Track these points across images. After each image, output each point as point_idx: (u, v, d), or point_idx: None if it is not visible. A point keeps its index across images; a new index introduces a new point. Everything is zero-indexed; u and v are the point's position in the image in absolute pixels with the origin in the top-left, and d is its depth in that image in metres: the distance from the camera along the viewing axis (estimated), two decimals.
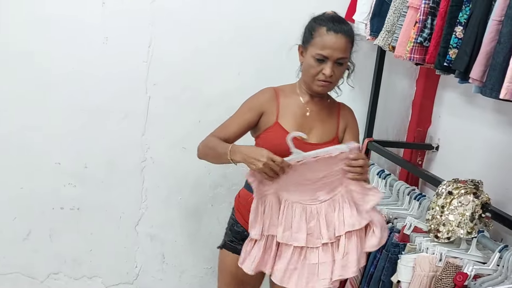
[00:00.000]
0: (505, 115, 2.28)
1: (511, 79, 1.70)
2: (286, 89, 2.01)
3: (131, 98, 2.57)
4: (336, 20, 1.87)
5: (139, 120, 2.60)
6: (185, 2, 2.56)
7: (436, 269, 1.90)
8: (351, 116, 2.06)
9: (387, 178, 2.52)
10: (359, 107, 2.81)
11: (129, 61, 2.53)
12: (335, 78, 1.89)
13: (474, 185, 2.03)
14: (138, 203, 2.68)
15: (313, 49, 1.85)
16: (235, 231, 2.04)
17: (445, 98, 2.75)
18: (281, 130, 1.92)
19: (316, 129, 1.96)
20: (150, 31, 2.52)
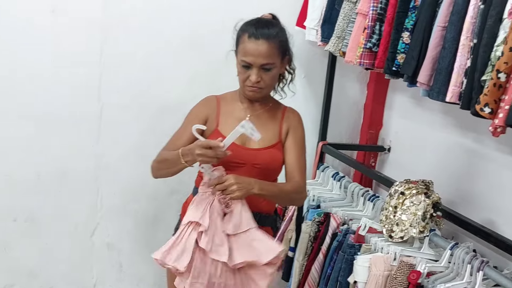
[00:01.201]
0: (453, 116, 2.35)
1: (456, 82, 1.75)
2: (227, 96, 1.99)
3: (84, 106, 2.50)
4: (260, 25, 1.83)
5: (93, 128, 2.53)
6: (136, 8, 2.51)
7: (390, 268, 1.93)
8: (295, 120, 1.99)
9: (341, 180, 2.55)
10: (312, 111, 2.85)
11: (81, 67, 2.45)
12: (264, 83, 1.85)
13: (425, 185, 2.07)
14: (93, 212, 2.61)
15: (239, 55, 1.85)
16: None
17: (395, 101, 2.81)
18: (221, 137, 1.84)
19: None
20: (102, 38, 2.46)
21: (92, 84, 2.50)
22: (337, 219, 2.27)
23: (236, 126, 1.74)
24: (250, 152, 1.88)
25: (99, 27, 2.45)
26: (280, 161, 1.94)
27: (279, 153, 1.92)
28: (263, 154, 1.88)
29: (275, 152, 1.92)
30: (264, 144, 1.91)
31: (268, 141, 1.92)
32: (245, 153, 1.87)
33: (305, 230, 2.39)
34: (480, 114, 1.62)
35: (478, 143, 2.21)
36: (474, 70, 1.66)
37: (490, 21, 1.61)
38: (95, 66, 2.48)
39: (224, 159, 1.78)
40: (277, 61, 1.86)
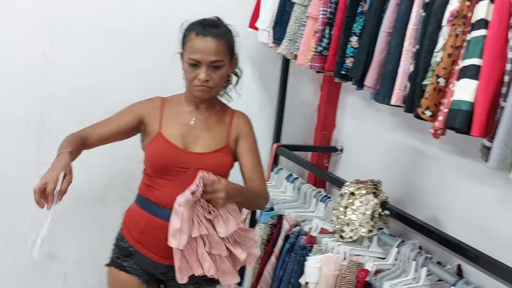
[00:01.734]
0: (401, 117, 2.44)
1: (400, 86, 1.84)
2: (173, 99, 1.97)
3: (26, 111, 2.44)
4: (207, 24, 1.83)
5: (35, 134, 2.47)
6: (83, 10, 2.47)
7: (341, 268, 2.01)
8: (245, 125, 1.98)
9: (295, 182, 2.61)
10: (266, 113, 2.90)
11: (24, 72, 2.40)
12: (213, 82, 1.82)
13: (373, 185, 2.15)
14: (35, 222, 2.54)
15: (187, 54, 1.82)
16: (121, 246, 1.95)
17: (347, 102, 2.90)
18: (163, 140, 1.86)
19: (202, 138, 1.89)
20: (46, 41, 2.41)
21: (35, 88, 2.44)
22: (290, 221, 2.33)
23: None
24: (194, 156, 1.86)
25: (42, 29, 2.41)
26: (227, 166, 1.92)
27: (226, 157, 1.91)
28: (208, 159, 1.86)
29: (221, 156, 1.90)
30: (210, 148, 1.89)
31: (214, 145, 1.90)
32: (188, 157, 1.84)
33: (258, 233, 2.44)
34: (422, 117, 1.71)
35: (424, 143, 2.32)
36: (416, 75, 1.76)
37: (430, 28, 1.71)
38: (37, 69, 2.43)
39: (167, 163, 1.80)
40: (226, 60, 1.85)
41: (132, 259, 1.91)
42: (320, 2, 2.23)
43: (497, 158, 1.45)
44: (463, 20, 1.60)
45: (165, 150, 1.86)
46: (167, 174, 1.86)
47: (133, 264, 1.91)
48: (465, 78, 1.55)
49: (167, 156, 1.84)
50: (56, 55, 2.46)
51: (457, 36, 1.63)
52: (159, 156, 1.85)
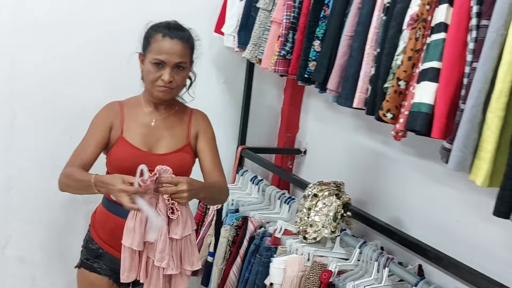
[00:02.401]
0: (363, 120, 2.43)
1: (361, 89, 1.81)
2: (131, 102, 1.93)
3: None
4: (172, 27, 1.82)
5: (2, 136, 2.37)
6: (48, 9, 2.38)
7: (304, 269, 1.96)
8: (203, 121, 1.98)
9: (259, 184, 2.56)
10: (232, 116, 2.85)
11: None
12: (176, 83, 1.82)
13: (336, 187, 2.12)
14: (4, 224, 2.44)
15: (151, 55, 1.79)
16: (90, 248, 1.92)
17: (310, 105, 2.87)
18: (125, 144, 1.84)
19: (164, 139, 1.88)
20: (12, 41, 2.31)
21: (2, 89, 2.35)
22: (255, 223, 2.28)
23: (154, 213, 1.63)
24: (157, 157, 1.83)
25: (8, 30, 2.31)
26: (190, 163, 1.91)
27: (187, 156, 1.89)
28: (170, 159, 1.84)
29: (183, 156, 1.88)
30: (172, 148, 1.87)
31: (176, 145, 1.88)
32: (151, 158, 1.81)
33: (224, 235, 2.38)
34: (383, 119, 1.68)
35: (385, 145, 2.30)
36: (377, 78, 1.72)
37: (391, 32, 1.68)
38: (5, 71, 2.33)
39: (131, 166, 1.71)
40: (188, 63, 1.85)
41: (101, 260, 1.89)
42: (283, 6, 2.18)
43: (457, 160, 1.43)
44: (423, 24, 1.58)
45: (129, 154, 1.83)
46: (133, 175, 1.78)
47: (103, 265, 1.90)
48: (425, 80, 1.52)
49: (131, 160, 1.80)
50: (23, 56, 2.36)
51: (417, 39, 1.60)
52: (123, 160, 1.83)
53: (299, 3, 2.14)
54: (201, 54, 2.66)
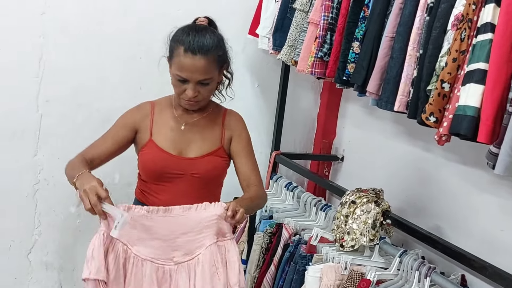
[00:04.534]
0: (403, 125, 2.44)
1: (403, 92, 1.83)
2: (162, 102, 1.94)
3: (21, 116, 2.43)
4: (197, 36, 1.74)
5: (31, 140, 2.46)
6: (78, 13, 2.47)
7: (342, 278, 1.98)
8: (238, 123, 1.96)
9: (294, 190, 2.59)
10: (266, 120, 2.90)
11: (18, 76, 2.39)
12: (202, 96, 1.81)
13: (375, 194, 2.14)
14: (30, 229, 2.53)
15: (174, 68, 1.77)
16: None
17: (348, 110, 2.89)
18: (155, 148, 1.84)
19: (194, 143, 1.87)
20: (41, 44, 2.41)
21: (31, 93, 2.44)
22: (289, 230, 2.31)
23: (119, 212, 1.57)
24: (188, 161, 1.84)
25: (39, 33, 2.41)
26: (222, 168, 1.91)
27: (220, 160, 1.89)
28: (201, 163, 1.85)
29: (215, 159, 1.88)
30: (203, 152, 1.87)
31: (208, 148, 1.88)
32: (182, 162, 1.83)
33: (257, 242, 2.42)
34: (426, 123, 1.70)
35: (427, 151, 2.31)
36: (420, 80, 1.75)
37: (434, 33, 1.71)
38: (34, 74, 2.42)
39: (161, 171, 1.79)
40: (215, 74, 1.81)
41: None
42: (321, 7, 2.23)
43: (504, 164, 1.44)
44: (468, 24, 1.60)
45: (159, 158, 1.84)
46: (162, 181, 1.85)
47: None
48: (471, 83, 1.54)
49: (160, 164, 1.84)
50: (53, 59, 2.45)
51: (462, 40, 1.62)
52: (152, 163, 1.85)
53: (337, 4, 2.18)
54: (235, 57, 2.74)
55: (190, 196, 1.82)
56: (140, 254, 1.65)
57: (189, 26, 1.81)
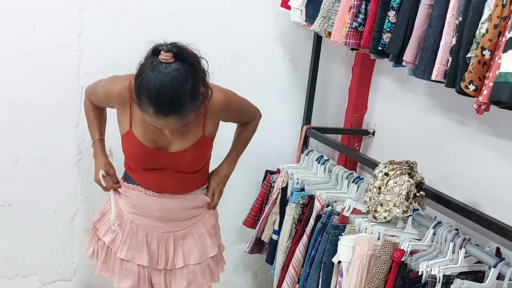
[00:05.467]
0: (436, 98, 2.38)
1: (441, 60, 1.77)
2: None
3: (63, 89, 2.46)
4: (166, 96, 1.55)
5: (73, 111, 2.49)
6: None
7: (375, 248, 1.96)
8: (221, 110, 1.83)
9: (326, 164, 2.56)
10: (297, 94, 2.86)
11: (60, 49, 2.41)
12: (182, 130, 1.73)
13: (408, 166, 2.10)
14: (73, 197, 2.58)
15: (146, 116, 1.64)
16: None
17: (380, 84, 2.83)
18: (135, 140, 1.78)
19: (176, 140, 1.79)
20: (81, 18, 2.41)
21: (72, 66, 2.45)
22: (321, 201, 2.29)
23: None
24: (169, 156, 1.81)
25: (79, 7, 2.40)
26: (205, 155, 1.92)
27: (203, 149, 1.87)
28: (185, 156, 1.81)
29: (199, 151, 1.84)
30: (186, 146, 1.80)
31: (189, 142, 1.81)
32: (164, 157, 1.81)
33: (289, 213, 2.41)
34: (465, 92, 1.64)
35: (461, 124, 2.25)
36: (459, 48, 1.68)
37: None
38: (74, 46, 2.44)
39: (143, 162, 1.85)
40: (193, 116, 1.70)
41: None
42: None
43: None
44: None
45: (139, 151, 1.81)
46: (146, 169, 1.87)
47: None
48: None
49: (141, 157, 1.83)
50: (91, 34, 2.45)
51: (504, 6, 1.55)
52: (133, 154, 1.85)
53: None
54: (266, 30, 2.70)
55: (175, 180, 1.89)
56: (135, 220, 1.94)
57: (155, 79, 1.56)
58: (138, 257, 1.93)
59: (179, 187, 1.93)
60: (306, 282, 2.23)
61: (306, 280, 2.23)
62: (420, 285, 1.76)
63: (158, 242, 1.94)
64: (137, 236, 1.94)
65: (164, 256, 1.95)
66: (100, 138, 2.00)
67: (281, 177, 2.55)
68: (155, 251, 1.94)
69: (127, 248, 1.93)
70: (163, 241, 1.94)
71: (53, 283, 2.63)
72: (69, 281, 2.65)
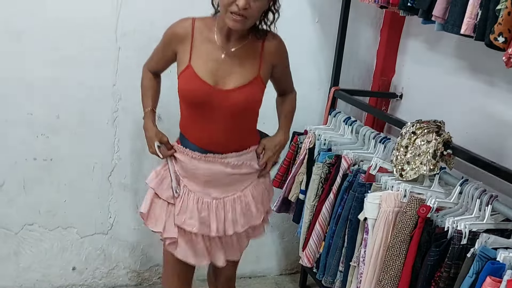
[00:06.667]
0: (466, 60, 2.27)
1: (471, 14, 1.68)
2: (203, 24, 1.81)
3: (101, 49, 2.44)
4: None
5: (110, 71, 2.48)
6: None
7: (401, 205, 1.90)
8: (277, 52, 1.86)
9: (353, 125, 2.50)
10: (325, 56, 2.78)
11: (97, 9, 2.39)
12: (251, 12, 1.65)
13: (436, 125, 2.02)
14: (110, 153, 2.59)
15: None
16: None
17: (408, 47, 2.73)
18: (193, 75, 1.76)
19: (233, 74, 1.77)
20: None
21: (110, 27, 2.44)
22: (348, 160, 2.24)
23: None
24: (224, 93, 1.76)
25: None
26: (258, 98, 1.83)
27: (257, 90, 1.81)
28: (238, 94, 1.76)
29: (252, 90, 1.80)
30: (240, 83, 1.77)
31: (245, 79, 1.78)
32: (219, 94, 1.76)
33: (316, 172, 2.37)
34: (494, 44, 1.55)
35: (491, 85, 2.15)
36: (489, 1, 1.59)
37: None
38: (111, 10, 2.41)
39: (197, 100, 1.79)
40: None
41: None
42: None
43: None
44: None
45: (196, 87, 1.77)
46: (200, 110, 1.81)
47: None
48: None
49: (197, 94, 1.77)
50: None
51: None
52: (191, 92, 1.79)
53: None
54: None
55: (226, 129, 1.82)
56: (187, 185, 1.89)
57: None
58: (188, 224, 1.87)
59: (229, 140, 1.85)
60: (332, 239, 2.20)
61: (332, 238, 2.20)
62: (446, 241, 1.71)
63: (209, 209, 1.89)
64: (188, 202, 1.89)
65: (215, 222, 1.89)
66: (151, 110, 1.96)
67: (308, 138, 2.50)
68: (205, 218, 1.88)
69: (179, 212, 1.88)
70: (213, 208, 1.89)
71: (91, 236, 2.67)
72: (105, 234, 2.69)
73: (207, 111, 1.79)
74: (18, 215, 2.54)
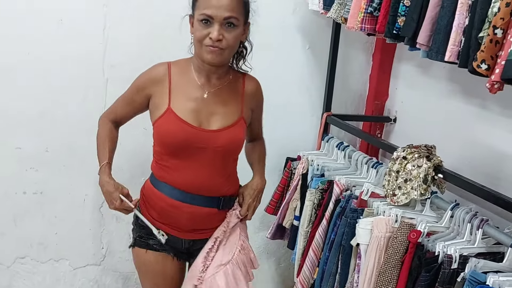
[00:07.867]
0: (458, 83, 2.36)
1: (454, 41, 1.77)
2: (180, 66, 1.81)
3: (89, 81, 2.53)
4: None
5: (98, 103, 2.55)
6: None
7: (392, 230, 1.96)
8: (257, 93, 1.92)
9: (346, 150, 2.57)
10: (317, 83, 2.87)
11: (85, 43, 2.48)
12: (226, 43, 1.67)
13: (427, 150, 2.10)
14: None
15: (198, 12, 1.66)
16: (141, 225, 1.92)
17: (401, 70, 2.82)
18: (174, 118, 1.73)
19: (216, 114, 1.78)
20: (105, 13, 2.48)
21: (97, 58, 2.52)
22: (341, 186, 2.31)
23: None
24: (211, 134, 1.76)
25: (103, 2, 2.47)
26: (242, 139, 1.86)
27: (240, 131, 1.84)
28: (224, 135, 1.78)
29: (237, 131, 1.82)
30: (226, 123, 1.79)
31: (230, 120, 1.80)
32: (204, 135, 1.75)
33: (309, 198, 2.43)
34: (477, 71, 1.64)
35: (483, 108, 2.23)
36: (471, 28, 1.68)
37: None
38: (99, 41, 2.50)
39: (181, 143, 1.75)
40: (241, 20, 1.71)
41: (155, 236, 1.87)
42: None
43: None
44: None
45: (179, 130, 1.74)
46: (182, 154, 1.77)
47: (158, 241, 1.88)
48: None
49: (182, 136, 1.74)
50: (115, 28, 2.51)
51: None
52: (172, 135, 1.75)
53: None
54: (285, 19, 2.71)
55: (211, 172, 1.81)
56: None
57: None
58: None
59: (213, 182, 1.83)
60: (326, 265, 2.26)
61: (326, 263, 2.26)
62: (436, 265, 1.76)
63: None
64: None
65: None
66: (108, 163, 1.88)
67: (301, 164, 2.57)
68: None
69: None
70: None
71: (84, 267, 2.73)
72: (98, 265, 2.75)
73: (191, 153, 1.77)
74: (10, 248, 2.60)
